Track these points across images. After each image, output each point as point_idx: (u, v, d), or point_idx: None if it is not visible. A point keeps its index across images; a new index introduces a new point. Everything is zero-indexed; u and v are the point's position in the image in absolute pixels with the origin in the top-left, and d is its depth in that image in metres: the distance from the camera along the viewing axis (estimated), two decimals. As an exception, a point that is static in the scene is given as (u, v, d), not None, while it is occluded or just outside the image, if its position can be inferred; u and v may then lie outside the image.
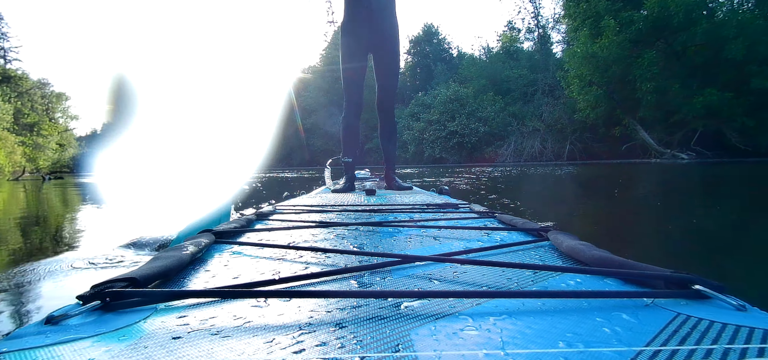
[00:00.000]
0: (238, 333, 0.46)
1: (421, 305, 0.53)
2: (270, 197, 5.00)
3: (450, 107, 32.02)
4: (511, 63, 34.89)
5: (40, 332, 0.46)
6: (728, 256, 1.94)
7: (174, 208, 4.81)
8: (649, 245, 2.28)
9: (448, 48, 46.66)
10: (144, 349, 0.42)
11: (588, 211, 3.81)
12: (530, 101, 30.79)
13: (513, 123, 29.44)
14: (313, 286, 0.65)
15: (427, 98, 35.11)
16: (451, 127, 31.13)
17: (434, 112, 32.79)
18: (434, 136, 31.89)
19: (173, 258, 0.71)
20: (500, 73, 33.57)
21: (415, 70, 45.93)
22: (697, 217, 3.20)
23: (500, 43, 40.85)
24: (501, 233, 1.13)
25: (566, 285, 0.64)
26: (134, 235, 2.35)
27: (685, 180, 7.47)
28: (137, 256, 1.93)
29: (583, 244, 0.80)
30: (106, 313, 0.52)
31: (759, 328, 0.44)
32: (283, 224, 1.32)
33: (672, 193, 5.40)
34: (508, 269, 0.71)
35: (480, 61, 38.68)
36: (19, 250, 2.48)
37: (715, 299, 0.53)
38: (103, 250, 2.12)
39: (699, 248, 2.16)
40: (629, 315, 0.49)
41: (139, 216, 4.38)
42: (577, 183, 7.66)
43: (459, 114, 31.41)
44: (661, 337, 0.43)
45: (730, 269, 1.74)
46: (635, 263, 0.65)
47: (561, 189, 6.46)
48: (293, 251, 0.88)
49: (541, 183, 7.63)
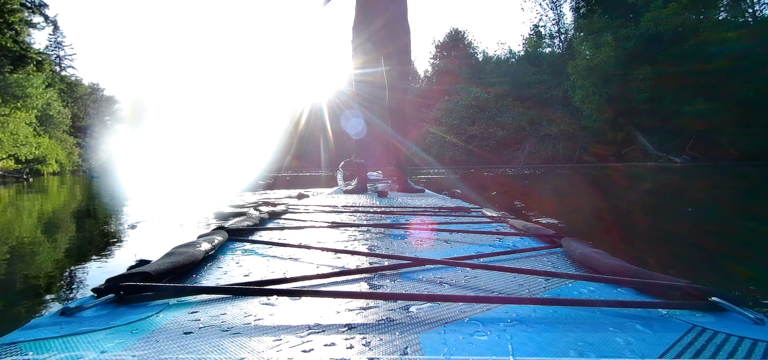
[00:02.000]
0: (248, 330, 0.46)
1: (431, 309, 0.53)
2: (287, 195, 5.52)
3: (471, 112, 33.99)
4: (533, 69, 35.47)
5: (56, 323, 0.47)
6: (688, 247, 2.31)
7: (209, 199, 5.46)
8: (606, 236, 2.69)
9: (474, 52, 47.19)
10: (156, 343, 0.42)
11: (568, 209, 4.40)
12: (549, 107, 31.55)
13: (527, 128, 30.95)
14: (323, 286, 0.65)
15: (450, 103, 36.82)
16: (471, 131, 33.04)
17: (455, 117, 34.76)
18: (455, 139, 33.71)
19: (186, 254, 0.72)
20: (522, 79, 34.34)
21: (440, 76, 46.51)
22: (654, 215, 3.77)
23: (524, 48, 41.37)
24: (513, 238, 1.12)
25: (579, 293, 0.63)
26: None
27: (660, 182, 8.56)
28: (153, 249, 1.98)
29: (596, 252, 0.78)
30: (119, 307, 0.53)
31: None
32: (294, 224, 1.33)
33: (640, 192, 6.21)
34: (519, 275, 0.70)
35: (503, 65, 39.45)
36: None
37: (732, 312, 0.51)
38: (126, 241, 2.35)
39: (656, 241, 2.52)
40: (643, 325, 0.48)
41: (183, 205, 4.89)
42: (571, 184, 8.66)
43: (479, 119, 33.28)
44: (676, 348, 0.42)
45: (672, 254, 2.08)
46: (650, 273, 0.63)
47: (560, 189, 7.38)
48: (304, 251, 0.89)
49: (546, 184, 8.65)
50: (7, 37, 24.34)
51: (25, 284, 1.64)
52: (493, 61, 41.72)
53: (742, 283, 1.60)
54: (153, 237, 2.40)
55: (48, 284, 1.62)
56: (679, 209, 4.26)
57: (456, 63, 45.26)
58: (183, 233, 2.52)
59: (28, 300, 1.45)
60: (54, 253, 2.22)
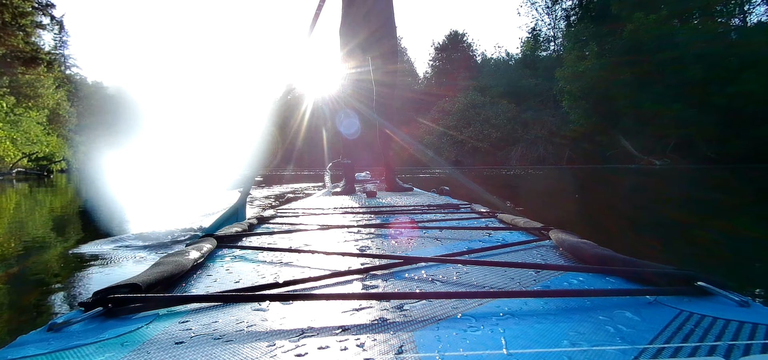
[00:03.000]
0: (241, 337, 0.46)
1: (424, 307, 0.53)
2: (274, 198, 5.48)
3: (467, 114, 34.83)
4: (528, 71, 36.36)
5: (43, 339, 0.46)
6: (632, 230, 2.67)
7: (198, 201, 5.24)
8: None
9: (473, 54, 47.79)
10: (146, 355, 0.42)
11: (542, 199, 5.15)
12: (542, 109, 32.52)
13: (519, 129, 31.88)
14: (315, 289, 0.65)
15: (447, 105, 37.62)
16: (466, 133, 33.87)
17: (452, 118, 35.62)
18: (451, 141, 34.65)
19: (175, 263, 0.71)
20: (517, 81, 35.21)
21: (439, 79, 47.27)
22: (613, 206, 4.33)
23: (521, 51, 42.32)
24: (503, 233, 1.13)
25: (569, 284, 0.64)
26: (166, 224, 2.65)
27: (636, 182, 9.24)
28: (140, 259, 2.01)
29: (585, 243, 0.80)
30: (108, 320, 0.52)
31: (762, 323, 0.44)
32: (284, 228, 1.32)
33: (617, 191, 6.87)
34: (510, 269, 0.71)
35: (500, 68, 40.31)
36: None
37: (718, 295, 0.53)
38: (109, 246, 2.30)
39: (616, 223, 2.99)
40: (632, 313, 0.49)
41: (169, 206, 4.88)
42: (557, 183, 9.45)
43: (474, 121, 34.12)
44: (665, 334, 0.43)
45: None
46: (638, 261, 0.65)
47: (548, 188, 8.13)
48: (294, 255, 0.88)
49: (536, 183, 9.35)
50: (18, 39, 25.25)
51: (9, 299, 1.59)
52: (492, 64, 42.49)
53: (725, 266, 1.70)
54: (141, 244, 2.37)
55: (34, 298, 1.56)
56: (649, 206, 4.63)
57: (455, 65, 45.93)
58: (170, 240, 2.49)
59: (14, 315, 1.41)
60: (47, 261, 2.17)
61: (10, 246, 2.60)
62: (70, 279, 1.80)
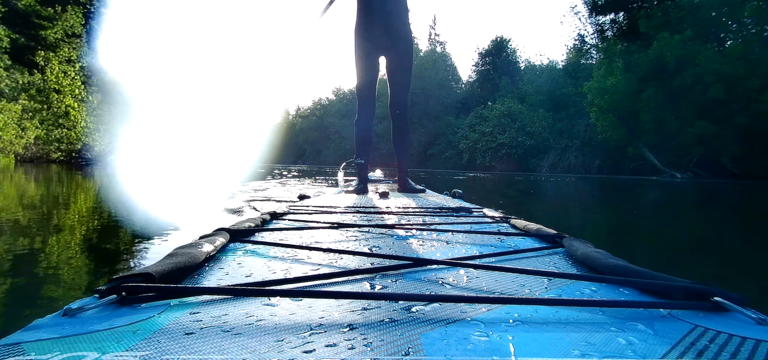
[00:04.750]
0: (250, 331, 0.46)
1: (433, 309, 0.53)
2: (288, 195, 5.52)
3: (502, 121, 35.93)
4: (569, 80, 35.95)
5: (58, 324, 0.46)
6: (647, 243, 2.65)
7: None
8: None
9: (516, 61, 47.86)
10: (158, 344, 0.42)
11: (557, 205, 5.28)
12: (578, 117, 32.30)
13: (550, 139, 32.71)
14: (325, 287, 0.65)
15: (485, 111, 38.85)
16: (501, 139, 35.04)
17: (488, 125, 36.78)
18: (486, 146, 35.96)
19: (188, 255, 0.71)
20: (556, 90, 35.28)
21: (482, 83, 47.98)
22: (638, 216, 4.29)
23: (566, 58, 41.51)
24: (515, 239, 1.12)
25: (580, 293, 0.63)
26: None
27: (659, 194, 9.25)
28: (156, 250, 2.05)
29: (598, 252, 0.78)
30: (121, 307, 0.53)
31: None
32: (296, 225, 1.32)
33: (639, 202, 6.86)
34: (521, 275, 0.70)
35: (543, 73, 40.36)
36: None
37: (734, 312, 0.51)
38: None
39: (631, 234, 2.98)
40: (645, 325, 0.48)
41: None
42: (580, 192, 9.51)
43: (510, 127, 35.17)
44: (678, 349, 0.42)
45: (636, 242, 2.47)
46: (652, 273, 0.63)
47: (569, 194, 8.29)
48: (305, 252, 0.88)
49: (561, 189, 9.52)
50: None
51: (27, 283, 1.61)
52: (536, 71, 42.39)
53: (743, 282, 1.64)
54: (155, 235, 2.41)
55: (50, 284, 1.59)
56: (664, 217, 4.52)
57: (498, 71, 46.37)
58: (185, 234, 2.50)
59: (30, 299, 1.42)
60: (61, 249, 2.20)
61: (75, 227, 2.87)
62: (105, 260, 1.96)
